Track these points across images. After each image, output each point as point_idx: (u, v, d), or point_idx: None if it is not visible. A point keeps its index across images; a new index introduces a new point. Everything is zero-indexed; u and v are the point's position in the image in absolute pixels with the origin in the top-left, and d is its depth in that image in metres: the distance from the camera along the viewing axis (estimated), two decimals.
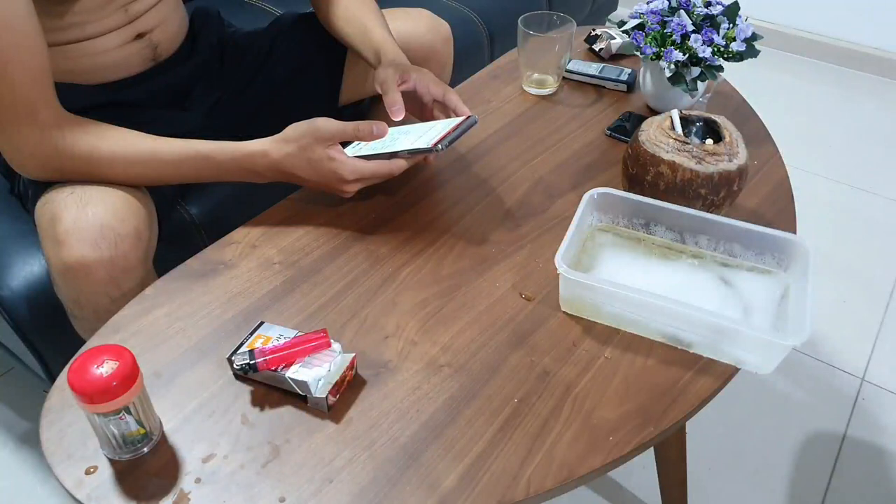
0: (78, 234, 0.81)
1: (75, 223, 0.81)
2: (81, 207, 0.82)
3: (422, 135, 0.89)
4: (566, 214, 0.92)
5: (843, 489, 1.19)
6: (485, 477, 0.63)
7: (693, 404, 0.70)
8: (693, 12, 1.03)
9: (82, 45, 0.96)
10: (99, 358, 0.60)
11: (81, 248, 0.81)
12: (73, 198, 0.84)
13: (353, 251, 0.87)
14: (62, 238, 0.81)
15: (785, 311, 0.76)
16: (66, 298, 0.88)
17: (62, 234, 0.81)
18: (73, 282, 0.83)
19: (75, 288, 0.84)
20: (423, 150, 0.85)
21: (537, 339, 0.76)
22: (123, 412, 0.61)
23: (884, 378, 1.37)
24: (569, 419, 0.68)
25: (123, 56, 1.00)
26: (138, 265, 0.86)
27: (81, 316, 0.88)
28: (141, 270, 0.87)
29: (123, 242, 0.83)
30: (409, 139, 0.89)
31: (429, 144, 0.85)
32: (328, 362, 0.69)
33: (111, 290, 0.84)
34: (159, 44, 1.04)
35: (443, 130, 0.87)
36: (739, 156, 0.83)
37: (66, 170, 0.86)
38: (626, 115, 1.10)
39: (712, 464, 1.23)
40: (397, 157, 0.87)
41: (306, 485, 0.63)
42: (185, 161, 0.88)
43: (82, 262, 0.81)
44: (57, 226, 0.82)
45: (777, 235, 0.79)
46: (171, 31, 1.07)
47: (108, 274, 0.83)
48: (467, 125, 0.89)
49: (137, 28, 1.01)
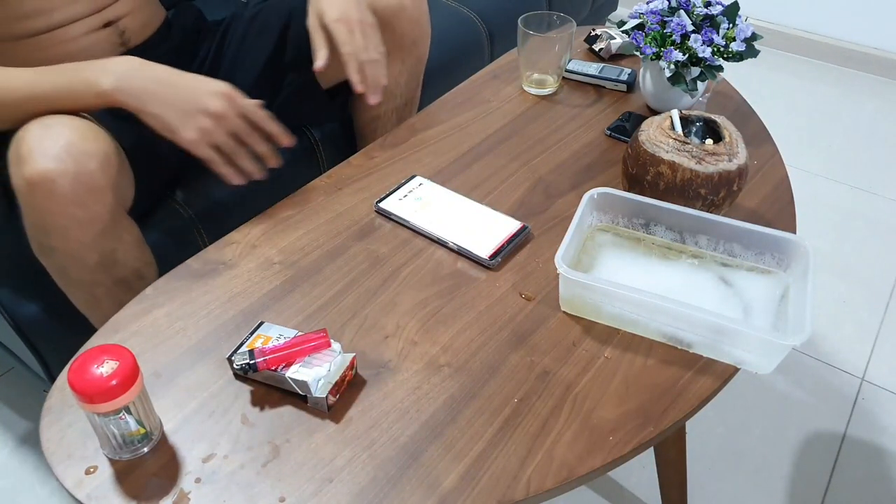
0: (41, 149, 0.79)
1: (39, 141, 0.79)
2: (45, 129, 0.80)
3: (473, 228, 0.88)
4: (566, 214, 0.92)
5: (843, 489, 1.19)
6: (485, 477, 0.63)
7: (693, 404, 0.70)
8: (693, 12, 1.03)
9: (49, 36, 0.94)
10: (99, 358, 0.60)
11: (45, 161, 0.78)
12: (37, 123, 0.82)
13: (353, 251, 0.87)
14: (25, 155, 0.79)
15: (785, 311, 0.76)
16: (34, 227, 0.84)
17: (25, 151, 0.79)
18: (38, 200, 0.80)
19: (40, 208, 0.80)
20: (473, 254, 0.85)
21: (537, 339, 0.76)
22: (123, 412, 0.61)
23: (884, 378, 1.37)
24: (569, 419, 0.68)
25: (90, 43, 0.98)
26: (106, 188, 0.82)
27: (50, 247, 0.84)
28: (109, 196, 0.83)
29: (90, 160, 0.80)
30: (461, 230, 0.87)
31: (486, 255, 0.84)
32: (328, 362, 0.69)
33: (76, 210, 0.81)
34: (128, 30, 1.02)
35: (498, 237, 0.86)
36: (739, 156, 0.83)
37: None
38: (626, 115, 1.10)
39: (712, 464, 1.23)
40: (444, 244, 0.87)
41: (306, 484, 0.63)
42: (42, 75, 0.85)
43: (45, 176, 0.78)
44: (21, 146, 0.80)
45: (777, 235, 0.79)
46: (141, 18, 1.05)
47: (73, 190, 0.79)
48: (521, 236, 0.88)
49: (106, 16, 0.99)
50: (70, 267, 0.86)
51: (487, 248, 0.85)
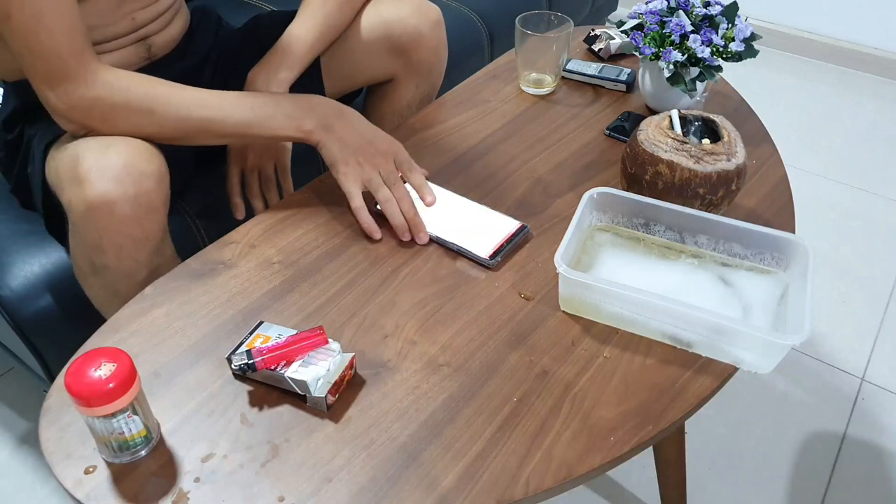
0: (101, 171, 0.79)
1: (98, 161, 0.80)
2: (104, 149, 0.81)
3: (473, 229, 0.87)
4: (565, 214, 0.92)
5: (843, 489, 1.19)
6: (484, 476, 0.63)
7: (692, 404, 0.70)
8: (692, 12, 1.03)
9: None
10: (96, 360, 0.59)
11: (105, 184, 0.79)
12: (94, 142, 0.83)
13: (353, 251, 0.87)
14: (84, 176, 0.79)
15: (784, 310, 0.76)
16: (88, 245, 0.85)
17: (84, 172, 0.80)
18: (96, 221, 0.81)
19: (98, 228, 0.82)
20: (476, 256, 0.84)
21: (536, 339, 0.76)
22: (121, 415, 0.61)
23: (884, 378, 1.37)
24: (568, 418, 0.68)
25: (119, 57, 1.00)
26: (161, 207, 0.84)
27: (102, 265, 0.85)
28: (162, 213, 0.85)
29: (147, 180, 0.82)
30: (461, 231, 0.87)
31: (486, 255, 0.84)
32: (327, 362, 0.69)
33: (134, 229, 0.83)
34: (154, 45, 1.04)
35: (497, 238, 0.86)
36: (738, 155, 0.83)
37: (112, 116, 0.85)
38: (626, 114, 1.10)
39: (712, 464, 1.23)
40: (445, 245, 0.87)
41: (305, 484, 0.63)
42: (241, 100, 0.89)
43: (105, 199, 0.79)
44: (79, 166, 0.80)
45: (777, 235, 0.79)
46: (170, 33, 1.07)
47: (132, 211, 0.81)
48: (521, 236, 0.87)
49: (140, 35, 1.01)
50: (120, 284, 0.87)
51: (487, 247, 0.85)
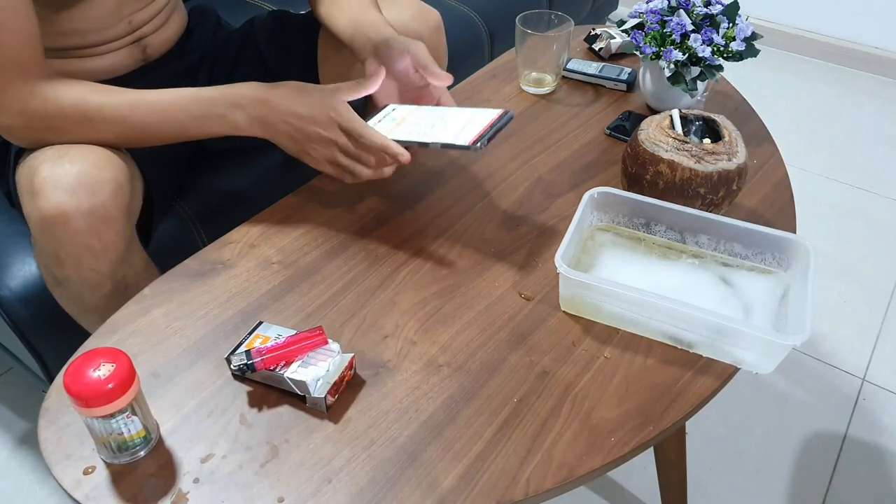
0: (54, 181, 0.79)
1: (52, 172, 0.80)
2: (58, 158, 0.81)
3: (452, 126, 0.84)
4: (566, 214, 0.92)
5: (844, 490, 1.19)
6: (484, 477, 0.63)
7: (693, 404, 0.69)
8: (693, 12, 1.03)
9: (78, 52, 0.96)
10: (95, 361, 0.59)
11: (58, 195, 0.79)
12: (50, 152, 0.82)
13: (352, 251, 0.86)
14: (38, 188, 0.79)
15: (785, 310, 0.76)
16: (48, 257, 0.85)
17: (38, 184, 0.79)
18: (52, 233, 0.81)
19: (54, 241, 0.81)
20: (458, 146, 0.81)
21: (537, 339, 0.76)
22: (120, 415, 0.60)
23: (885, 378, 1.37)
24: (568, 419, 0.68)
25: (115, 59, 1.00)
26: (119, 217, 0.84)
27: (63, 277, 0.85)
28: (122, 223, 0.84)
29: (102, 190, 0.81)
30: (440, 130, 0.84)
31: (467, 143, 0.80)
32: (327, 362, 0.69)
33: (91, 240, 0.82)
34: (150, 46, 1.04)
35: (479, 126, 0.83)
36: (738, 155, 0.83)
37: (53, 127, 0.84)
38: (626, 114, 1.10)
39: (712, 464, 1.23)
40: (427, 147, 0.84)
41: (305, 485, 0.62)
42: (173, 103, 0.87)
43: (59, 210, 0.79)
44: (34, 178, 0.80)
45: (778, 235, 0.79)
46: (166, 34, 1.06)
47: (88, 223, 0.80)
48: (504, 121, 0.84)
49: (136, 36, 1.01)
50: (85, 295, 0.87)
51: (469, 136, 0.82)
